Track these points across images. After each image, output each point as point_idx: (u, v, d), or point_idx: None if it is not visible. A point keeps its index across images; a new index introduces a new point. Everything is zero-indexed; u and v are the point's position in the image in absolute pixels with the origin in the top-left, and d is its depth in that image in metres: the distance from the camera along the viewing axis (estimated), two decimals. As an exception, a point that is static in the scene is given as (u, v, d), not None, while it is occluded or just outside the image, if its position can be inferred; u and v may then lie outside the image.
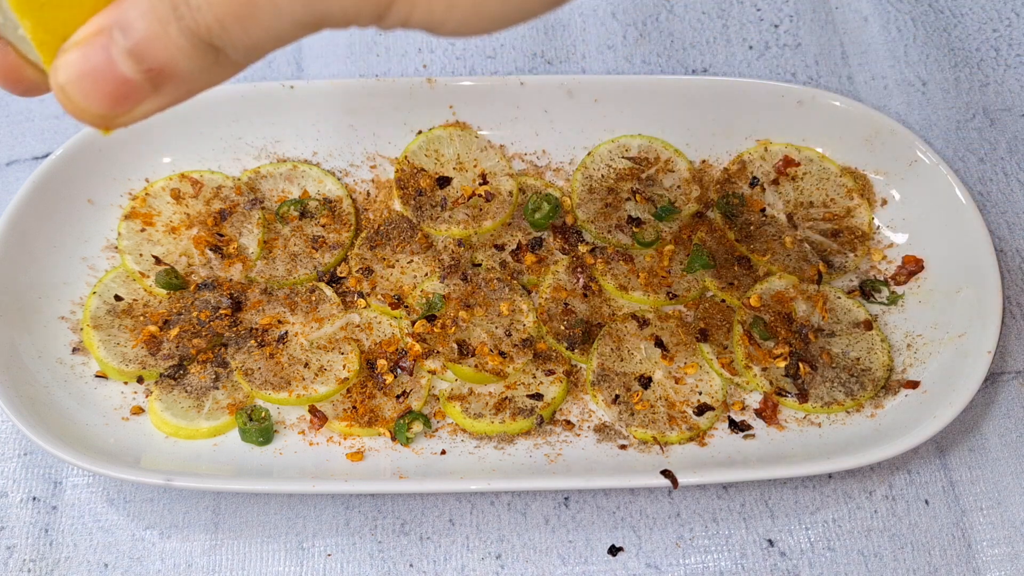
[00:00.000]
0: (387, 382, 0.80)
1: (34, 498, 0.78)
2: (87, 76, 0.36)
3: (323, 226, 0.87)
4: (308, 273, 0.85)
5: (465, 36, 0.39)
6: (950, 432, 0.81)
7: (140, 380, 0.80)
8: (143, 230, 0.85)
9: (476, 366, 0.79)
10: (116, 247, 0.85)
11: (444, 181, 0.88)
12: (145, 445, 0.77)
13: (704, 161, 0.91)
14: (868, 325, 0.82)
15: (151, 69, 0.36)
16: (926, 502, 0.78)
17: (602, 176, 0.89)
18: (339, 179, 0.90)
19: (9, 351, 0.77)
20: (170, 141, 0.88)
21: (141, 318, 0.82)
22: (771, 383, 0.80)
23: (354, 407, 0.79)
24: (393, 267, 0.85)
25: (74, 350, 0.81)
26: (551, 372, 0.81)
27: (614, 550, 0.76)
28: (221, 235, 0.85)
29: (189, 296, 0.82)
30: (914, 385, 0.79)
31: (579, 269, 0.85)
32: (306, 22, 0.36)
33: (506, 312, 0.83)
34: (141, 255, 0.84)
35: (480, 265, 0.86)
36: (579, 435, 0.79)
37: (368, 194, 0.90)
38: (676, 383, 0.81)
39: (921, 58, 0.98)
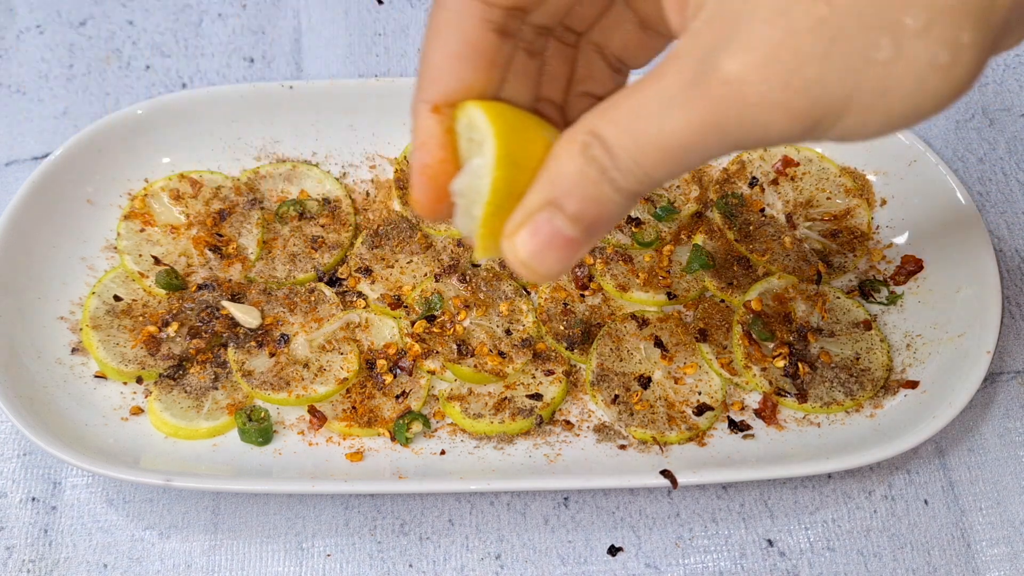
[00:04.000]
0: (386, 382, 0.80)
1: (33, 498, 0.78)
2: (543, 249, 0.44)
3: (322, 226, 0.87)
4: (307, 273, 0.85)
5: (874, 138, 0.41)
6: (949, 432, 0.81)
7: (139, 380, 0.80)
8: (142, 230, 0.85)
9: (475, 366, 0.79)
10: (115, 247, 0.85)
11: (443, 181, 0.88)
12: (144, 445, 0.77)
13: (703, 161, 0.91)
14: (867, 325, 0.82)
15: (590, 225, 0.44)
16: (925, 502, 0.78)
17: (601, 176, 0.89)
18: (338, 179, 0.90)
19: (8, 351, 0.77)
20: (169, 141, 0.88)
21: (140, 318, 0.82)
22: (770, 383, 0.80)
23: (353, 407, 0.79)
24: (392, 267, 0.85)
25: (73, 350, 0.81)
26: (550, 372, 0.81)
27: (613, 550, 0.76)
28: (220, 235, 0.85)
29: (189, 296, 0.82)
30: (913, 385, 0.79)
31: (577, 269, 0.85)
32: (722, 152, 0.41)
33: (506, 312, 0.82)
34: (140, 255, 0.84)
35: (479, 265, 0.86)
36: (579, 435, 0.79)
37: (368, 194, 0.90)
38: (676, 383, 0.81)
39: (920, 58, 0.98)
